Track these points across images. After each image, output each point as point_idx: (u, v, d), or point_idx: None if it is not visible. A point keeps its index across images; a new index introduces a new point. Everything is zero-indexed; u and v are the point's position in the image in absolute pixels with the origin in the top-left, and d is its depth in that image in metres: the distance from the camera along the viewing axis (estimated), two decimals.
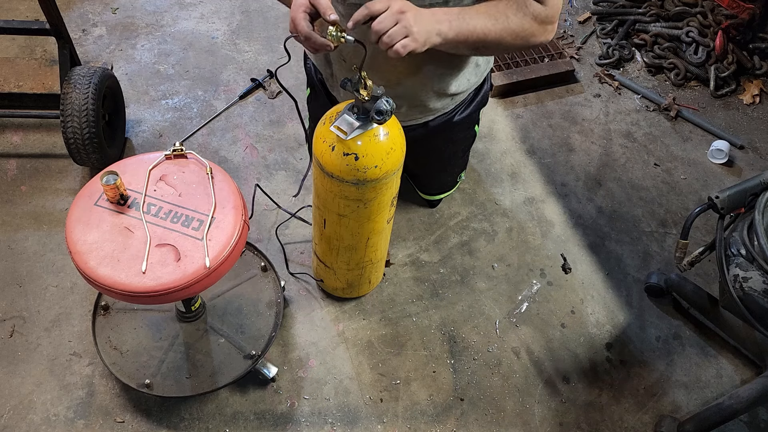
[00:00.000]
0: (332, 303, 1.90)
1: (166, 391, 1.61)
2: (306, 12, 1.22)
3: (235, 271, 1.80)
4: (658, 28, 2.72)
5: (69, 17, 2.54)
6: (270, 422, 1.68)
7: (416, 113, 1.69)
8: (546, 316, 1.94)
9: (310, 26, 1.22)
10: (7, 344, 1.74)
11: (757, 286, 1.47)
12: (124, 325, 1.69)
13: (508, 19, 1.33)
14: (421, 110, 1.68)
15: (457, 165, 2.02)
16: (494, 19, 1.32)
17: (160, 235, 1.28)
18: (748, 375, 1.88)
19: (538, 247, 2.09)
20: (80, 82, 1.85)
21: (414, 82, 1.56)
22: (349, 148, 1.32)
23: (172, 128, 2.25)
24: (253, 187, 2.05)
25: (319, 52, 1.26)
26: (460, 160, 2.02)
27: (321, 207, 1.55)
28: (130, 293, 1.22)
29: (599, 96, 2.57)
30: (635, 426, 1.77)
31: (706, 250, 1.68)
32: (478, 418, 1.74)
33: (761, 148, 2.47)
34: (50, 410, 1.65)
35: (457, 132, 1.83)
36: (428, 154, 1.88)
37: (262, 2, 2.71)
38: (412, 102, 1.63)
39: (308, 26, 1.22)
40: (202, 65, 2.46)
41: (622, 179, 2.31)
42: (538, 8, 1.33)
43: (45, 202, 2.02)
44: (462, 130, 1.84)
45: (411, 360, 1.82)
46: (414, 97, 1.62)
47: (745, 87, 2.64)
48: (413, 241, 2.06)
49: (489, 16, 1.32)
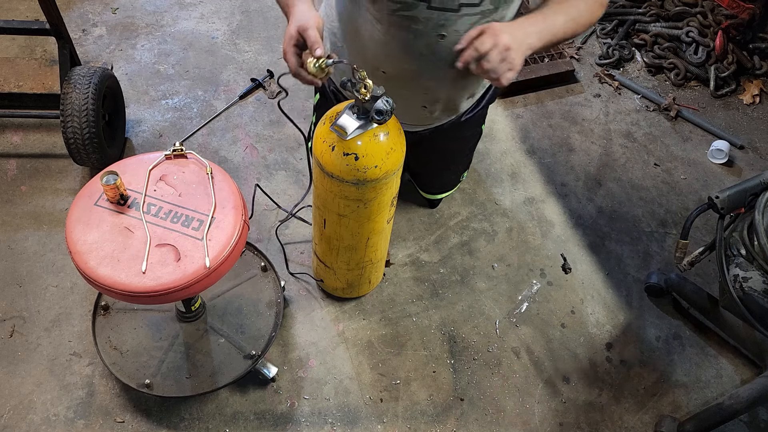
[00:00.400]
0: (332, 303, 1.90)
1: (166, 391, 1.61)
2: (295, 45, 1.23)
3: (235, 271, 1.80)
4: (658, 28, 2.72)
5: (69, 17, 2.54)
6: (270, 422, 1.68)
7: (445, 116, 1.70)
8: (546, 316, 1.94)
9: (299, 61, 1.23)
10: (7, 344, 1.74)
11: (757, 286, 1.47)
12: (124, 325, 1.69)
13: (580, 12, 1.34)
14: (453, 112, 1.69)
15: (461, 163, 2.02)
16: (571, 18, 1.33)
17: (160, 235, 1.28)
18: (748, 375, 1.88)
19: (538, 247, 2.09)
20: (80, 82, 1.85)
21: (456, 89, 1.57)
22: (349, 148, 1.32)
23: (172, 128, 2.25)
24: (253, 187, 2.05)
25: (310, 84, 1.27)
26: (465, 159, 2.02)
27: (321, 207, 1.55)
28: (130, 293, 1.22)
29: (599, 96, 2.57)
30: (635, 426, 1.77)
31: (706, 250, 1.68)
32: (478, 418, 1.74)
33: (761, 148, 2.47)
34: (50, 410, 1.65)
35: (465, 130, 1.83)
36: (434, 152, 1.88)
37: (262, 2, 2.71)
38: (447, 106, 1.64)
39: (297, 62, 1.23)
40: (202, 65, 2.46)
41: (622, 179, 2.31)
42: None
43: (45, 202, 2.02)
44: (470, 127, 1.84)
45: (411, 360, 1.82)
46: (451, 101, 1.62)
47: (745, 87, 2.65)
48: (413, 241, 2.06)
49: (567, 16, 1.32)
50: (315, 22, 1.21)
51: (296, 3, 1.27)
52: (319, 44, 1.19)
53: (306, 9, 1.25)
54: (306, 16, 1.22)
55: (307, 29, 1.20)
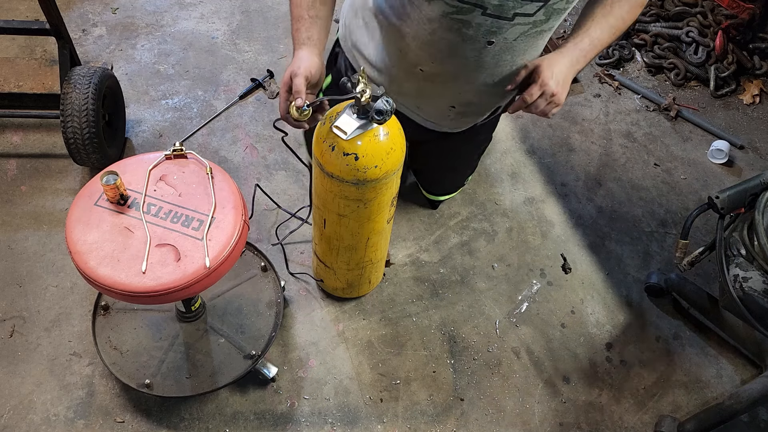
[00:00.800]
0: (332, 303, 1.90)
1: (166, 391, 1.61)
2: (287, 91, 1.27)
3: (235, 271, 1.80)
4: (658, 28, 2.72)
5: (69, 17, 2.54)
6: (270, 422, 1.68)
7: (470, 120, 1.71)
8: (546, 316, 1.94)
9: (286, 106, 1.27)
10: (7, 344, 1.74)
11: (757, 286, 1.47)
12: (124, 325, 1.69)
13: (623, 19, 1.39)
14: (477, 117, 1.70)
15: (469, 167, 2.02)
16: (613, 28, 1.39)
17: (160, 235, 1.28)
18: (748, 375, 1.88)
19: (538, 247, 2.09)
20: (80, 82, 1.85)
21: (488, 97, 1.58)
22: (349, 148, 1.32)
23: (172, 128, 2.25)
24: (253, 187, 2.05)
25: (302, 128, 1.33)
26: (473, 162, 2.02)
27: (321, 207, 1.55)
28: (130, 293, 1.22)
29: (599, 96, 2.57)
30: (635, 426, 1.77)
31: (706, 250, 1.68)
32: (478, 418, 1.74)
33: (761, 148, 2.47)
34: (50, 410, 1.65)
35: (479, 134, 1.83)
36: (444, 153, 1.87)
37: (262, 2, 2.71)
38: (475, 110, 1.65)
39: (285, 108, 1.28)
40: (202, 65, 2.46)
41: (622, 179, 2.31)
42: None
43: (45, 202, 2.02)
44: (484, 132, 1.85)
45: (411, 360, 1.82)
46: (481, 106, 1.63)
47: (745, 87, 2.65)
48: (413, 241, 2.06)
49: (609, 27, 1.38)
50: (305, 69, 1.26)
51: (299, 47, 1.31)
52: (300, 94, 1.24)
53: (304, 55, 1.29)
54: (300, 63, 1.27)
55: (296, 76, 1.25)
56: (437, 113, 1.65)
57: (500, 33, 1.32)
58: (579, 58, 1.36)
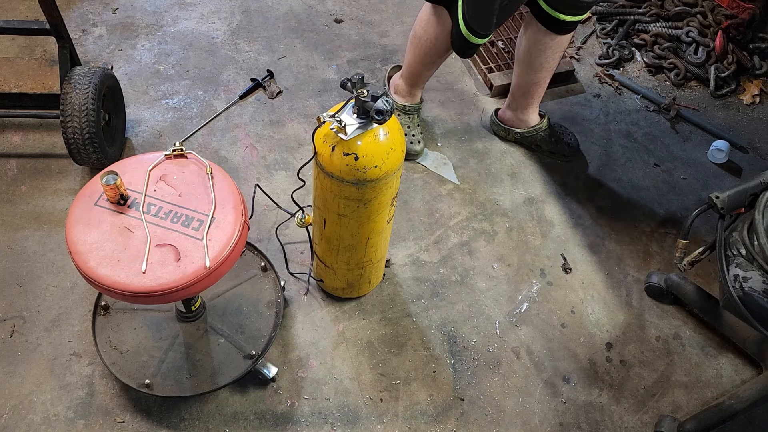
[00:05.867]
0: (332, 303, 1.90)
1: (166, 391, 1.61)
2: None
3: (235, 271, 1.80)
4: (658, 28, 2.72)
5: (69, 17, 2.54)
6: (270, 422, 1.68)
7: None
8: (546, 316, 1.94)
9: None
10: (7, 344, 1.74)
11: (757, 286, 1.47)
12: (124, 325, 1.69)
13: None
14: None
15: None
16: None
17: (160, 235, 1.28)
18: (748, 375, 1.88)
19: (538, 247, 2.09)
20: (80, 82, 1.85)
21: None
22: (349, 148, 1.32)
23: (172, 128, 2.25)
24: (253, 187, 2.05)
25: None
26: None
27: (321, 207, 1.55)
28: (130, 293, 1.22)
29: (599, 96, 2.57)
30: (635, 426, 1.77)
31: (706, 250, 1.68)
32: (478, 418, 1.74)
33: (761, 148, 2.47)
34: (50, 410, 1.65)
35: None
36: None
37: (262, 2, 2.71)
38: None
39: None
40: (202, 65, 2.46)
41: (622, 179, 2.31)
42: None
43: (45, 202, 2.02)
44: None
45: (411, 360, 1.82)
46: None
47: (745, 87, 2.64)
48: (413, 241, 2.06)
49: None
50: None
51: None
52: None
53: None
54: None
55: None
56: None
57: None
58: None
